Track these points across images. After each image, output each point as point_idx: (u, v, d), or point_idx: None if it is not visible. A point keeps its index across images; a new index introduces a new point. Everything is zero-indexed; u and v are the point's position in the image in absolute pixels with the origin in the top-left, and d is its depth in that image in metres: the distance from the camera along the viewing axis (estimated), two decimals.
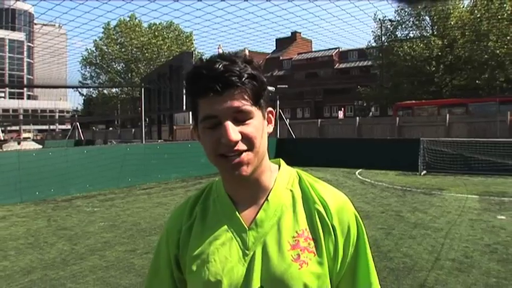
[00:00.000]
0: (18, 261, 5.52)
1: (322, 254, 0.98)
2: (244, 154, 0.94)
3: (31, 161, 10.65)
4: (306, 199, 1.03)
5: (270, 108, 1.04)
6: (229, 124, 0.92)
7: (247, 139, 0.94)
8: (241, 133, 0.93)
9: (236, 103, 0.93)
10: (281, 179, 1.05)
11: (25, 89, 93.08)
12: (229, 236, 1.00)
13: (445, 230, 6.73)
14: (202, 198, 1.10)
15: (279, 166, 1.09)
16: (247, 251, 0.98)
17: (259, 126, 0.97)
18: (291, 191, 1.04)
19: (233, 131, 0.92)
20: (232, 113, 0.93)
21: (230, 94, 0.92)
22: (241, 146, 0.93)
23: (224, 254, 0.98)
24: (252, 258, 0.97)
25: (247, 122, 0.94)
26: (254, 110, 0.96)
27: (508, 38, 30.14)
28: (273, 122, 1.05)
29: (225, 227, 1.01)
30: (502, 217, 7.68)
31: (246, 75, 0.93)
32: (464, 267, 4.97)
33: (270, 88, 16.00)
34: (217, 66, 0.92)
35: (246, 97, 0.94)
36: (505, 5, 29.95)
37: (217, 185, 1.09)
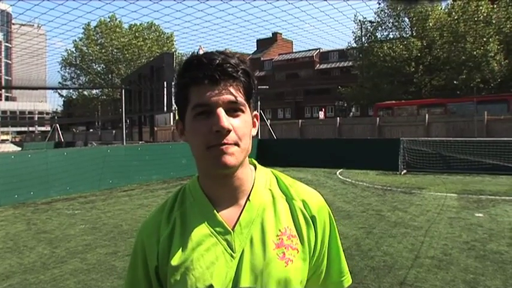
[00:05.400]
0: None
1: (305, 249, 1.01)
2: (231, 147, 0.94)
3: (10, 163, 10.48)
4: (286, 197, 1.06)
5: (255, 112, 1.05)
6: (222, 111, 0.93)
7: (236, 132, 0.94)
8: (232, 125, 0.94)
9: (231, 93, 0.94)
10: (259, 178, 1.06)
11: (3, 90, 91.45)
12: (214, 241, 0.98)
13: (424, 228, 6.84)
14: (178, 203, 1.07)
15: (255, 166, 1.09)
16: (233, 254, 0.97)
17: (248, 123, 0.99)
18: (270, 190, 1.06)
19: (226, 119, 0.92)
20: (225, 103, 0.94)
21: (225, 84, 0.94)
22: (231, 139, 0.93)
23: (210, 259, 0.97)
24: (240, 260, 0.96)
25: (238, 115, 0.96)
26: (245, 105, 0.98)
27: (484, 39, 30.77)
28: (257, 126, 1.06)
29: (208, 231, 0.99)
30: (480, 215, 7.84)
31: (241, 70, 0.96)
32: (443, 264, 5.07)
33: None
34: (216, 57, 0.95)
35: (240, 90, 0.96)
36: (481, 7, 30.56)
37: (190, 187, 1.07)
